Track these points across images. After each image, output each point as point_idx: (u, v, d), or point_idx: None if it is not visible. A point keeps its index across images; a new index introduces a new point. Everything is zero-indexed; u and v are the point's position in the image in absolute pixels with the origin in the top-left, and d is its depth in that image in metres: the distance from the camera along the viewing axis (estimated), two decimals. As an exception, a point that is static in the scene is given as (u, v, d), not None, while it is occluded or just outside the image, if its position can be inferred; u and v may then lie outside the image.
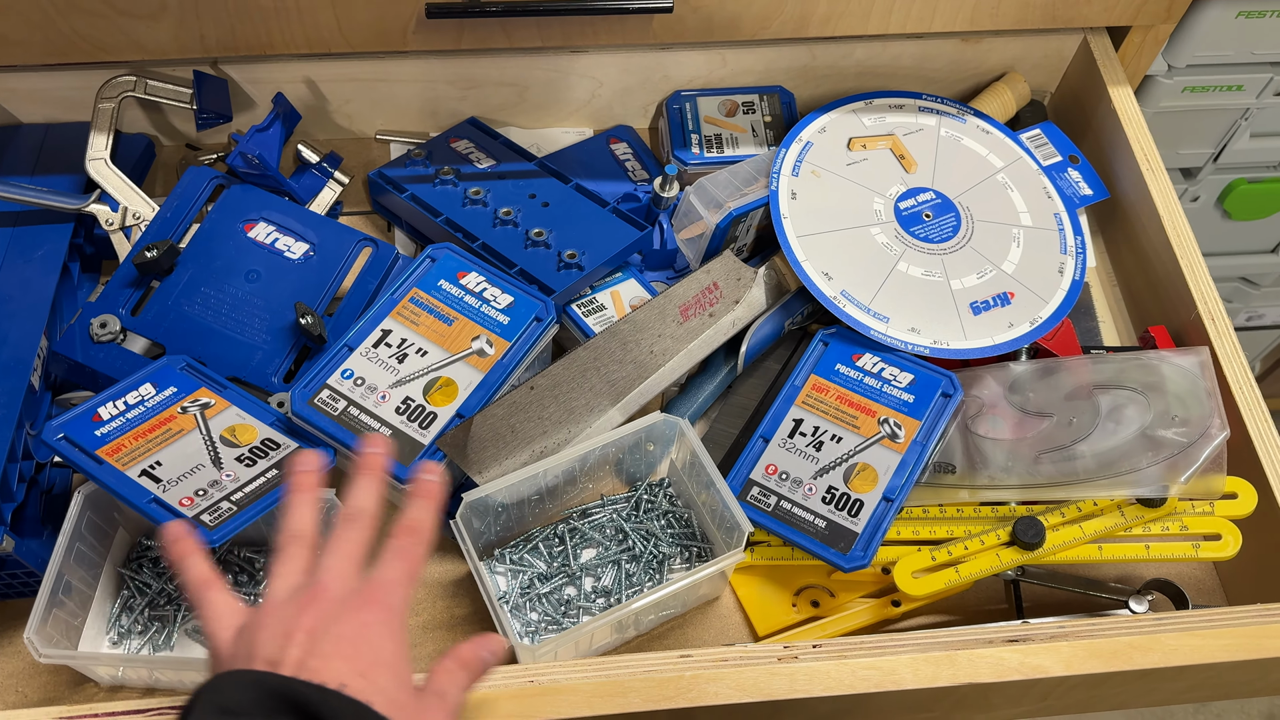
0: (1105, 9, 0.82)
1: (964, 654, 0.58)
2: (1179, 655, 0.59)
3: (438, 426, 0.67)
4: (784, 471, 0.71)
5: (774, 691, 0.57)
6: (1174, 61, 0.92)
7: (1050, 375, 0.73)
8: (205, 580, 0.51)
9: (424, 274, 0.73)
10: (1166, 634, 0.60)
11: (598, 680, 0.57)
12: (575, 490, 0.74)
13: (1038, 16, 0.82)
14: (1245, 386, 0.71)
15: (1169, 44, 0.91)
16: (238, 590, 0.69)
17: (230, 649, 0.47)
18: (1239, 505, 0.67)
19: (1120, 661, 0.59)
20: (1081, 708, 0.67)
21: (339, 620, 0.46)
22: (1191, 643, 0.60)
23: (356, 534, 0.51)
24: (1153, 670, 0.59)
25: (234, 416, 0.68)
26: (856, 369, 0.75)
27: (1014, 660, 0.59)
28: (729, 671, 0.58)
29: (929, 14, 0.80)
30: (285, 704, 0.42)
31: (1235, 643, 0.60)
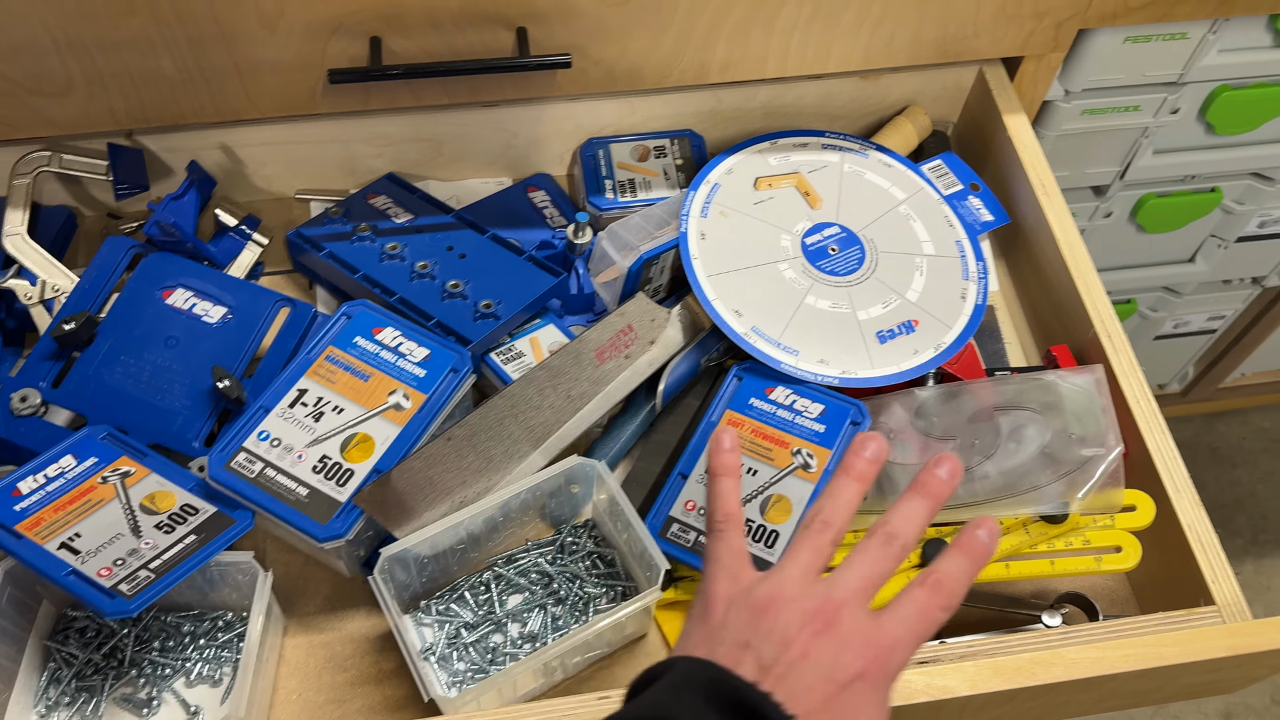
0: (994, 42, 0.85)
1: (872, 679, 0.60)
2: (1080, 668, 0.61)
3: (355, 483, 0.68)
4: (703, 507, 0.73)
5: None
6: (1070, 86, 0.96)
7: (953, 399, 0.75)
8: (732, 515, 0.48)
9: (339, 332, 0.74)
10: (1069, 648, 0.62)
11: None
12: (500, 537, 0.75)
13: (930, 53, 0.85)
14: (1142, 400, 0.74)
15: (1063, 70, 0.94)
16: (165, 656, 0.69)
17: (720, 616, 0.45)
18: (1138, 517, 0.69)
19: (1024, 678, 0.61)
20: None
21: (836, 661, 0.43)
22: (1093, 655, 0.62)
23: (885, 562, 0.47)
24: (1058, 684, 0.61)
25: (154, 484, 0.69)
26: (770, 402, 0.76)
27: (920, 683, 0.60)
28: (644, 710, 0.59)
29: (824, 55, 0.83)
30: None
31: (1135, 652, 0.62)
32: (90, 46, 0.72)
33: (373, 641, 0.72)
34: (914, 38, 0.83)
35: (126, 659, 0.69)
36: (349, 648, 0.72)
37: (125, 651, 0.69)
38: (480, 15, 0.74)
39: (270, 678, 0.69)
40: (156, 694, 0.68)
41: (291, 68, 0.76)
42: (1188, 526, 0.69)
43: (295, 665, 0.71)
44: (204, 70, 0.75)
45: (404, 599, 0.73)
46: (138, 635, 0.70)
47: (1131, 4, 0.84)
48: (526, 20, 0.75)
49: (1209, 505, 0.67)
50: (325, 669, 0.71)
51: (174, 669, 0.69)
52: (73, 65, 0.73)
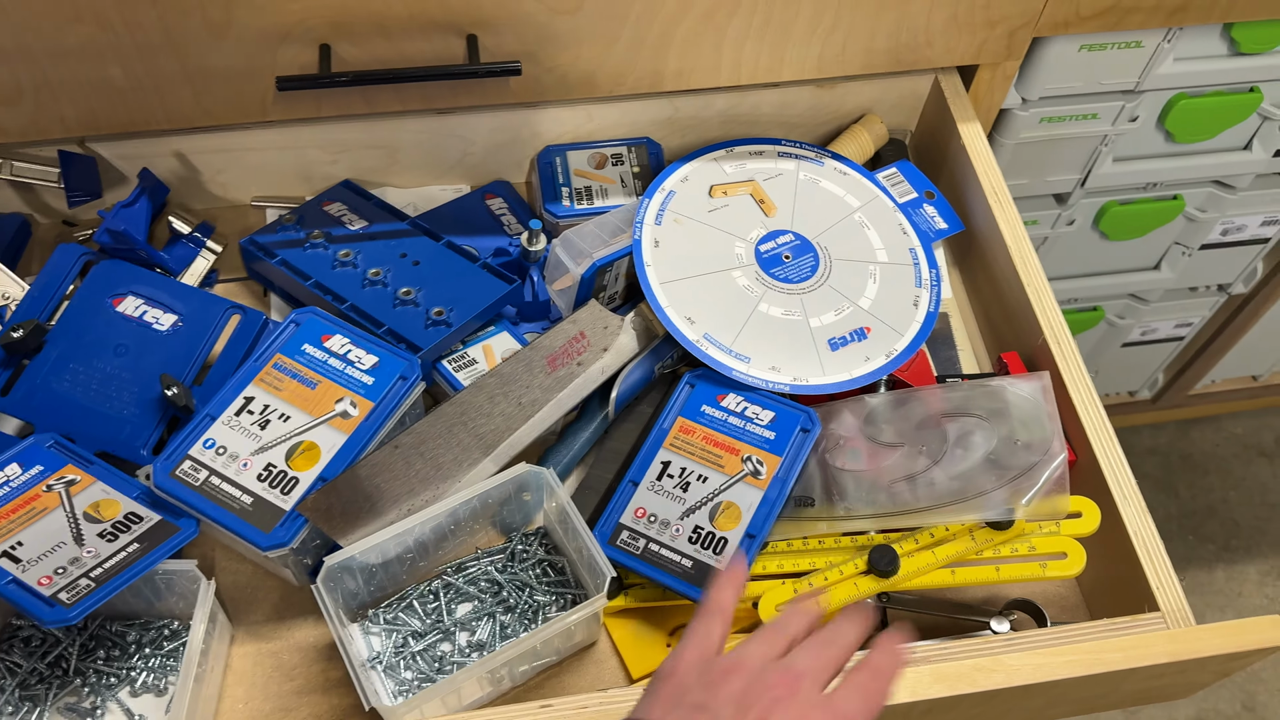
0: (948, 51, 0.86)
1: (811, 686, 0.60)
2: (1021, 675, 0.61)
3: (299, 491, 0.68)
4: (653, 514, 0.73)
5: (627, 734, 0.58)
6: (1027, 95, 0.96)
7: (902, 406, 0.75)
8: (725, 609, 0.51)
9: (288, 339, 0.74)
10: (1010, 654, 0.62)
11: (451, 736, 0.58)
12: (450, 545, 0.75)
13: (884, 61, 0.85)
14: (1090, 407, 0.74)
15: (1019, 79, 0.95)
16: (109, 665, 0.69)
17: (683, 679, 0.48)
18: (1083, 524, 0.70)
19: (965, 684, 0.61)
20: (944, 730, 0.69)
21: None
22: (1034, 661, 0.62)
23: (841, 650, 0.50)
24: (999, 691, 0.61)
25: (99, 492, 0.69)
26: (721, 409, 0.77)
27: (860, 689, 0.60)
28: (592, 715, 0.59)
29: (777, 64, 0.83)
30: None
31: (1077, 659, 0.62)
32: (38, 54, 0.72)
33: (320, 650, 0.72)
34: (867, 46, 0.84)
35: (71, 668, 0.68)
36: (296, 656, 0.71)
37: (70, 660, 0.68)
38: (429, 22, 0.74)
39: (216, 686, 0.69)
40: (101, 703, 0.68)
41: (242, 75, 0.76)
42: (1134, 534, 0.69)
43: (242, 674, 0.71)
44: (154, 78, 0.75)
45: (351, 607, 0.72)
46: (83, 644, 0.69)
47: (1084, 12, 0.85)
48: (476, 27, 0.76)
49: (1181, 512, 0.67)
50: (272, 678, 0.71)
51: (119, 678, 0.69)
52: (21, 73, 0.73)
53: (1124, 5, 0.85)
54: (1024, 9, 0.83)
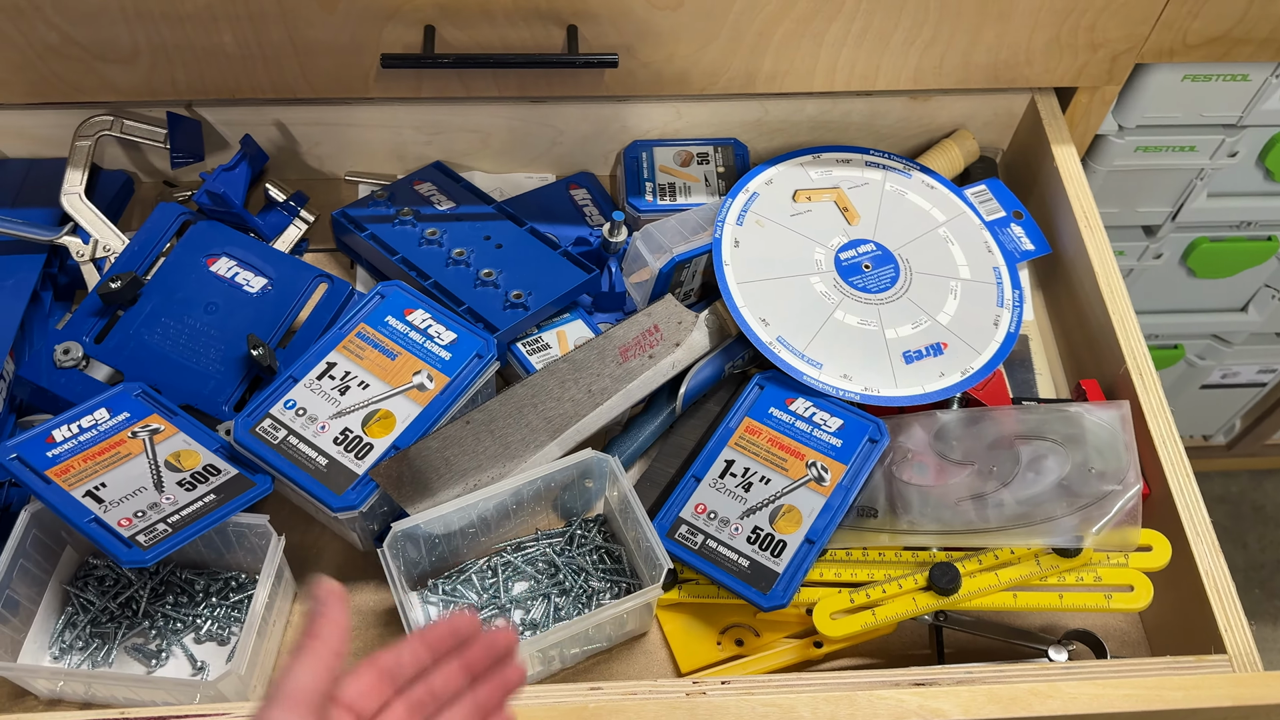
0: (1046, 71, 0.85)
1: (864, 695, 0.60)
2: (1078, 703, 0.60)
3: (373, 457, 0.70)
4: (713, 511, 0.73)
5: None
6: (1124, 122, 0.94)
7: (975, 424, 0.74)
8: None
9: (372, 310, 0.76)
10: (1069, 682, 0.61)
11: (502, 708, 0.58)
12: (511, 524, 0.76)
13: (981, 77, 0.85)
14: (1169, 440, 0.73)
15: (1118, 104, 0.93)
16: (177, 611, 0.71)
17: None
18: (1153, 558, 0.68)
19: (1019, 708, 0.60)
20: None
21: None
22: (1091, 691, 0.61)
23: None
24: (1052, 718, 0.60)
25: (181, 442, 0.71)
26: (789, 413, 0.77)
27: (913, 703, 0.60)
28: (633, 705, 0.59)
29: (872, 72, 0.83)
30: None
31: (1137, 693, 0.61)
32: (157, 18, 0.75)
33: (379, 615, 0.73)
34: (964, 61, 0.83)
35: (140, 610, 0.71)
36: (356, 619, 0.73)
37: (140, 603, 0.71)
38: (533, 11, 0.76)
39: (277, 641, 0.71)
40: (166, 646, 0.70)
41: (347, 50, 0.78)
42: (1205, 572, 0.67)
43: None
44: (263, 47, 0.77)
45: (412, 576, 0.74)
46: (153, 588, 0.72)
47: (1190, 41, 0.83)
48: (578, 18, 0.77)
49: (1249, 564, 0.66)
50: (330, 638, 0.72)
51: (185, 624, 0.71)
52: (139, 35, 0.76)
53: (1233, 36, 0.83)
54: (1129, 34, 0.82)
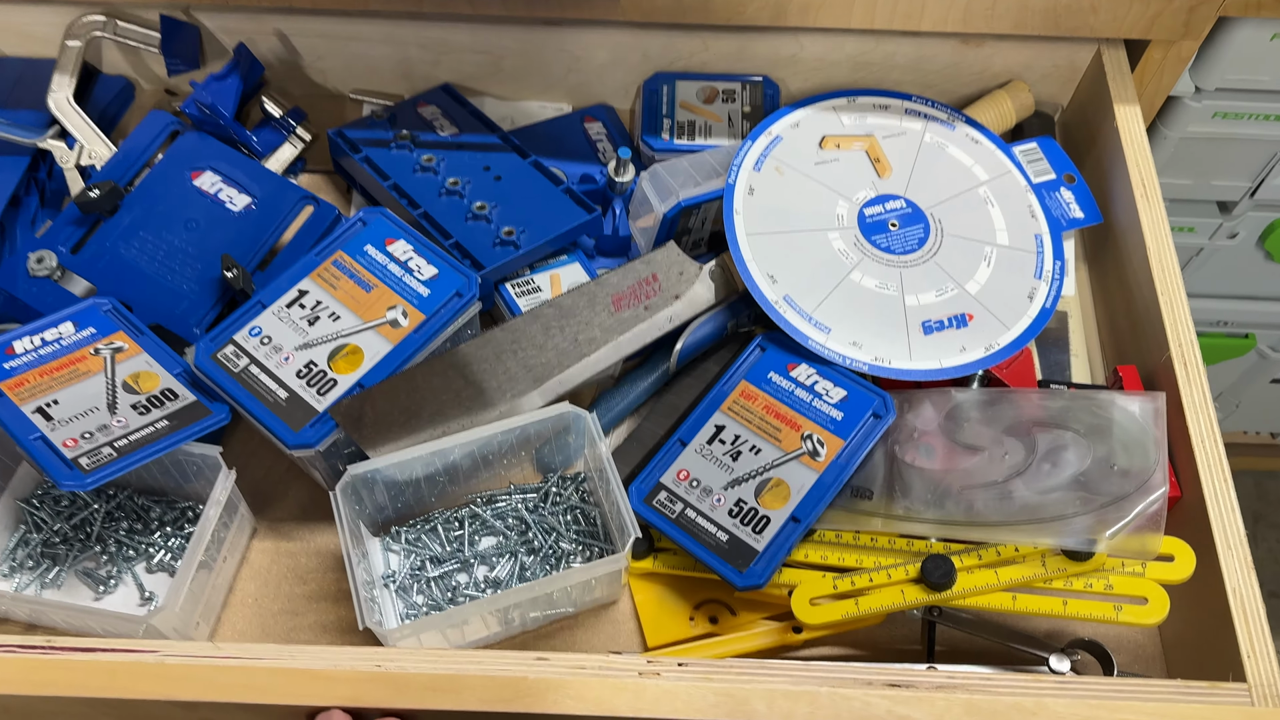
0: (1114, 19, 0.76)
1: (828, 692, 0.55)
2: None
3: (335, 394, 0.66)
4: (696, 478, 0.68)
5: (616, 708, 0.54)
6: (1202, 83, 0.85)
7: (992, 406, 0.67)
8: None
9: (351, 237, 0.71)
10: (1059, 699, 0.55)
11: (435, 672, 0.55)
12: (483, 475, 0.71)
13: (1039, 22, 0.76)
14: (1209, 441, 0.65)
15: (1196, 63, 0.84)
16: (130, 538, 0.69)
17: None
18: (1174, 569, 0.61)
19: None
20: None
21: None
22: (1083, 713, 0.54)
23: None
24: (1039, 737, 0.55)
25: (143, 363, 0.68)
26: (789, 379, 0.71)
27: (881, 708, 0.54)
28: (577, 681, 0.55)
29: (917, 10, 0.75)
30: None
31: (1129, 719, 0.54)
32: (146, -89, 0.70)
33: (338, 559, 0.70)
34: (1021, 3, 0.74)
35: (94, 534, 0.68)
36: (314, 561, 0.70)
37: (94, 526, 0.68)
38: (540, -79, 0.69)
39: (229, 577, 0.68)
40: (117, 574, 0.68)
41: None
42: (1232, 590, 0.60)
43: (258, 570, 0.69)
44: None
45: (376, 521, 0.70)
46: (108, 512, 0.69)
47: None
48: None
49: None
50: (286, 578, 0.69)
51: (138, 552, 0.68)
52: None
53: (1337, -13, 0.73)
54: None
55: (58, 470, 0.61)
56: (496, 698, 0.54)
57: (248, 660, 0.55)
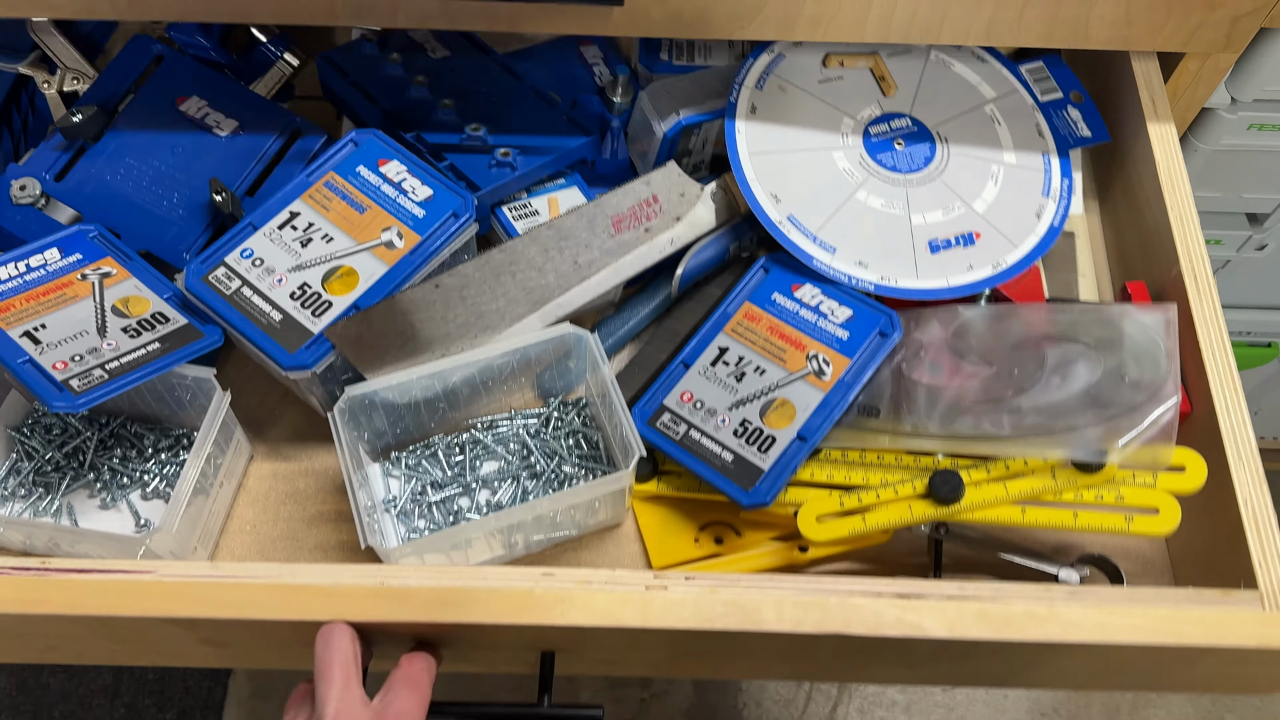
0: (1149, 31, 0.70)
1: (838, 601, 0.54)
2: (1079, 631, 0.53)
3: (331, 316, 0.64)
4: (699, 400, 0.67)
5: (624, 619, 0.53)
6: (1239, 94, 0.79)
7: (1000, 322, 0.66)
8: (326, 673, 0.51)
9: (343, 158, 0.70)
10: (1070, 606, 0.54)
11: (438, 586, 0.54)
12: (483, 400, 0.70)
13: (1067, 35, 0.70)
14: (1219, 353, 0.64)
15: (1233, 74, 0.78)
16: (124, 465, 0.68)
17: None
18: (1185, 480, 0.61)
19: (1011, 630, 0.53)
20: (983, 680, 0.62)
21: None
22: (1095, 618, 0.54)
23: None
24: (1049, 645, 0.54)
25: (131, 288, 0.66)
26: (794, 300, 0.69)
27: (892, 615, 0.54)
28: (583, 594, 0.54)
29: (936, 23, 0.69)
30: None
31: (1146, 624, 0.54)
32: None
33: (337, 484, 0.69)
34: (1051, 14, 0.69)
35: (87, 462, 0.67)
36: (312, 486, 0.69)
37: (87, 454, 0.67)
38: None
39: (226, 503, 0.67)
40: (112, 501, 0.67)
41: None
42: (1243, 500, 0.60)
43: (255, 496, 0.68)
44: None
45: (376, 447, 0.69)
46: (101, 440, 0.68)
47: (1332, 4, 0.69)
48: None
49: None
50: (284, 504, 0.68)
51: (132, 480, 0.67)
52: None
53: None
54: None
55: (48, 392, 0.59)
56: (502, 610, 0.53)
57: (248, 578, 0.54)
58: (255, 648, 0.60)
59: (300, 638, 0.56)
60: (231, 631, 0.56)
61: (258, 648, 0.60)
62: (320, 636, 0.52)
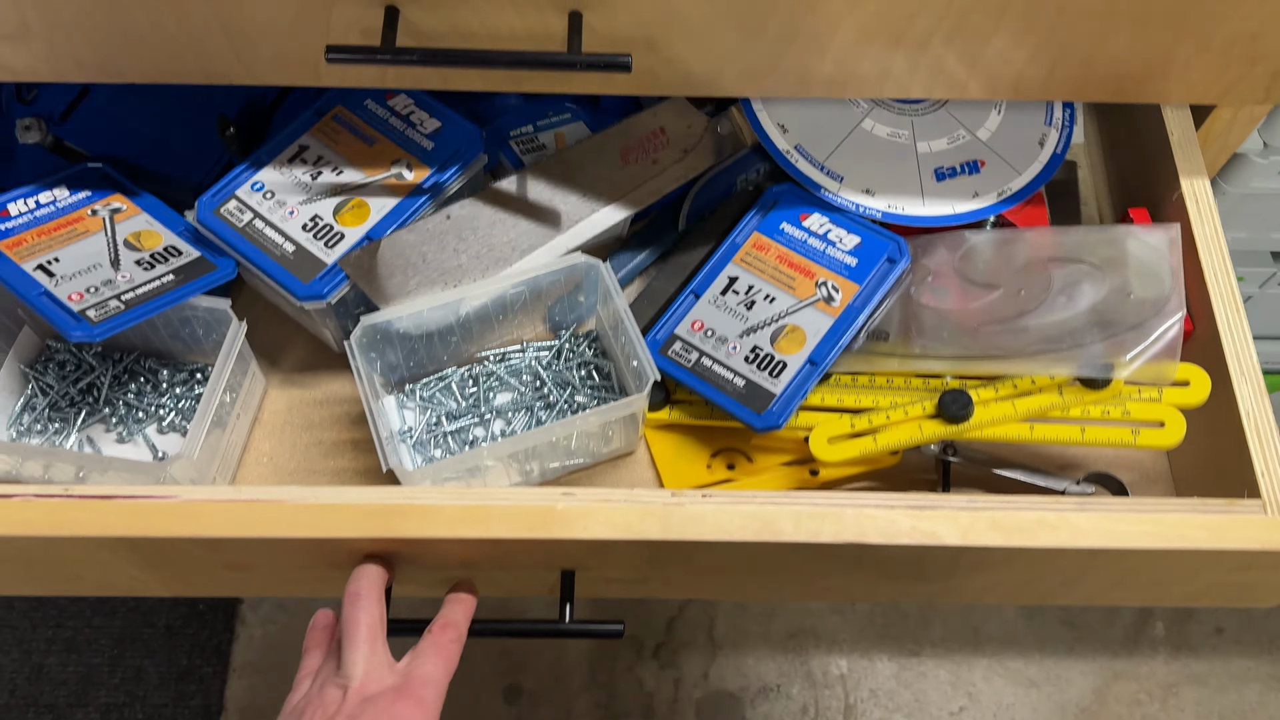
0: (1186, 86, 0.66)
1: (853, 511, 0.55)
2: (1088, 537, 0.55)
3: (343, 247, 0.65)
4: (710, 328, 0.67)
5: (646, 532, 0.54)
6: (1271, 140, 0.78)
7: (1007, 246, 0.67)
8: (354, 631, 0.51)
9: (351, 91, 0.70)
10: (1080, 514, 0.56)
11: (461, 504, 0.54)
12: (495, 332, 0.71)
13: (1100, 89, 0.66)
14: (1220, 271, 0.65)
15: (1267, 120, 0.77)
16: (139, 400, 0.68)
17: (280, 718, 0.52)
18: (1190, 393, 0.62)
19: (1023, 537, 0.55)
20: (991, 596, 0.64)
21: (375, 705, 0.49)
22: (1104, 525, 0.55)
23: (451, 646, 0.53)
24: (1061, 552, 0.55)
25: (143, 223, 0.66)
26: (802, 229, 0.70)
27: (906, 524, 0.55)
28: (604, 508, 0.55)
29: (961, 79, 0.65)
30: None
31: (1155, 530, 0.55)
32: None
33: (352, 415, 0.70)
34: (1082, 71, 0.65)
35: (102, 397, 0.67)
36: (328, 418, 0.69)
37: (101, 389, 0.68)
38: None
39: (243, 435, 0.67)
40: (127, 435, 0.67)
41: (287, 33, 0.59)
42: (1245, 413, 0.61)
43: (271, 429, 0.69)
44: (184, 28, 0.59)
45: (390, 381, 0.70)
46: (115, 376, 0.68)
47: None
48: (582, 2, 0.57)
49: None
50: (301, 436, 0.69)
51: (147, 414, 0.68)
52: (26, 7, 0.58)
53: None
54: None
55: (65, 323, 0.60)
56: (524, 525, 0.54)
57: (272, 499, 0.55)
58: (278, 572, 0.60)
59: (324, 559, 0.57)
60: (256, 553, 0.56)
61: (280, 572, 0.60)
62: (348, 596, 0.52)
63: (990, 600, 0.66)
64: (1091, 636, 0.99)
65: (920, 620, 0.99)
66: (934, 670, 0.98)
